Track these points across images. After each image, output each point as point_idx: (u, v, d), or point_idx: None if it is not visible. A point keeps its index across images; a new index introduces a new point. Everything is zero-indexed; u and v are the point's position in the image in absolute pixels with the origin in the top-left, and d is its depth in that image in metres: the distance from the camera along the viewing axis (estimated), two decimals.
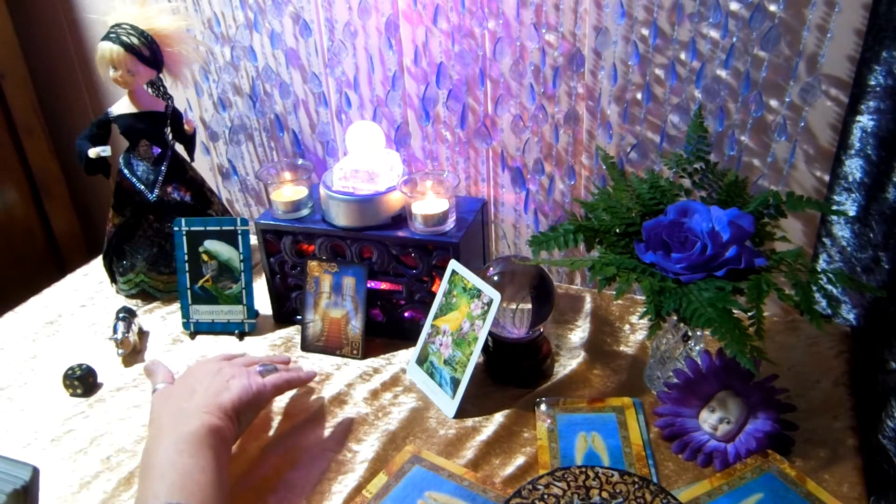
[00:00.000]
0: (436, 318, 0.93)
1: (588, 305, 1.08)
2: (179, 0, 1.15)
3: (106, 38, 1.00)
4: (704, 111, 0.92)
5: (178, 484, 0.65)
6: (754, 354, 0.70)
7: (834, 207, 0.92)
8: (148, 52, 1.01)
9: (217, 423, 0.73)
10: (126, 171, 1.10)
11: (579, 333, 1.02)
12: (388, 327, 1.03)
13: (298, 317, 1.07)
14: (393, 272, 1.00)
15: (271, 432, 0.87)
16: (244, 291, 1.06)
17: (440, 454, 0.82)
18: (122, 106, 1.08)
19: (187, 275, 1.06)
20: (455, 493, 0.76)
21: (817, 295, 0.75)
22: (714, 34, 0.91)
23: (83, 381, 0.96)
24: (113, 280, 1.18)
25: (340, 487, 0.79)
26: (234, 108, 1.23)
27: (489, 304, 0.86)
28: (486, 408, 0.89)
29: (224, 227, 1.05)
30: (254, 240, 1.08)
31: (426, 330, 0.94)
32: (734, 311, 0.71)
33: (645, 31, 0.94)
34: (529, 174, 1.09)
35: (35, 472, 0.64)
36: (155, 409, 0.78)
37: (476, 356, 0.87)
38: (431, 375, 0.92)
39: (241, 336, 1.06)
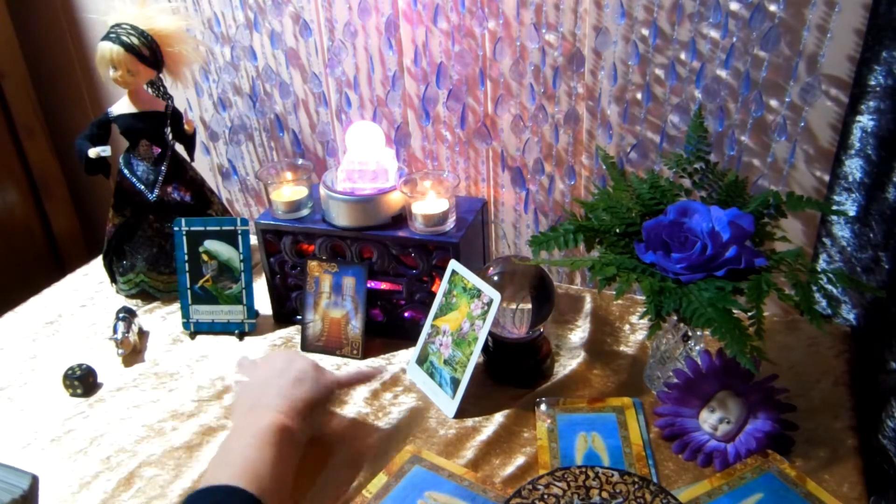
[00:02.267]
0: (436, 318, 0.93)
1: (588, 305, 1.08)
2: (179, 0, 1.15)
3: (106, 38, 1.00)
4: (704, 111, 0.92)
5: (240, 472, 0.68)
6: (754, 354, 0.70)
7: (834, 207, 0.92)
8: (148, 52, 1.01)
9: (286, 423, 0.74)
10: (126, 171, 1.10)
11: (579, 333, 1.02)
12: (388, 327, 1.03)
13: (298, 317, 1.07)
14: (393, 272, 1.00)
15: None
16: (244, 291, 1.06)
17: (440, 454, 0.82)
18: (122, 106, 1.08)
19: (187, 275, 1.06)
20: (455, 493, 0.76)
21: (817, 295, 0.75)
22: (714, 34, 0.91)
23: (83, 381, 0.96)
24: (113, 280, 1.18)
25: (341, 487, 0.79)
26: (234, 108, 1.23)
27: (489, 304, 0.86)
28: (486, 408, 0.89)
29: (224, 227, 1.05)
30: (254, 240, 1.08)
31: (426, 330, 0.94)
32: (734, 311, 0.71)
33: (645, 31, 0.94)
34: (529, 174, 1.09)
35: (34, 480, 0.63)
36: (236, 401, 0.82)
37: (476, 356, 0.87)
38: (431, 375, 0.92)
39: (241, 336, 1.06)
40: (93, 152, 1.05)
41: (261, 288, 1.09)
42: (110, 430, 0.90)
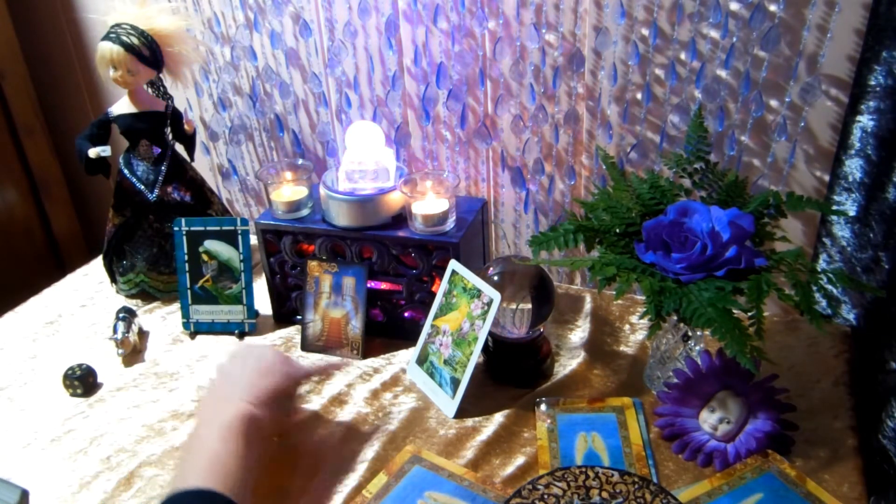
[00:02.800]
0: (436, 318, 0.93)
1: (588, 305, 1.08)
2: (179, 0, 1.15)
3: (106, 38, 1.00)
4: (704, 111, 0.92)
5: (208, 468, 0.67)
6: (754, 354, 0.70)
7: (834, 207, 0.92)
8: (148, 52, 1.01)
9: (252, 412, 0.74)
10: (126, 171, 1.10)
11: (579, 333, 1.02)
12: (388, 327, 1.03)
13: (298, 317, 1.07)
14: (393, 272, 1.00)
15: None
16: (244, 291, 1.06)
17: (440, 454, 0.82)
18: (122, 106, 1.08)
19: (187, 275, 1.06)
20: (455, 493, 0.76)
21: (817, 295, 0.75)
22: (714, 34, 0.91)
23: (83, 381, 0.96)
24: (113, 280, 1.18)
25: (340, 487, 0.79)
26: (234, 108, 1.23)
27: (489, 304, 0.86)
28: (486, 408, 0.89)
29: (224, 227, 1.05)
30: (254, 240, 1.08)
31: (426, 330, 0.94)
32: (734, 311, 0.71)
33: (645, 31, 0.94)
34: (529, 174, 1.09)
35: (24, 494, 0.63)
36: (205, 395, 0.82)
37: (476, 356, 0.87)
38: (431, 375, 0.92)
39: (241, 336, 1.06)
40: (93, 152, 1.05)
41: (261, 288, 1.09)
42: (110, 430, 0.90)
